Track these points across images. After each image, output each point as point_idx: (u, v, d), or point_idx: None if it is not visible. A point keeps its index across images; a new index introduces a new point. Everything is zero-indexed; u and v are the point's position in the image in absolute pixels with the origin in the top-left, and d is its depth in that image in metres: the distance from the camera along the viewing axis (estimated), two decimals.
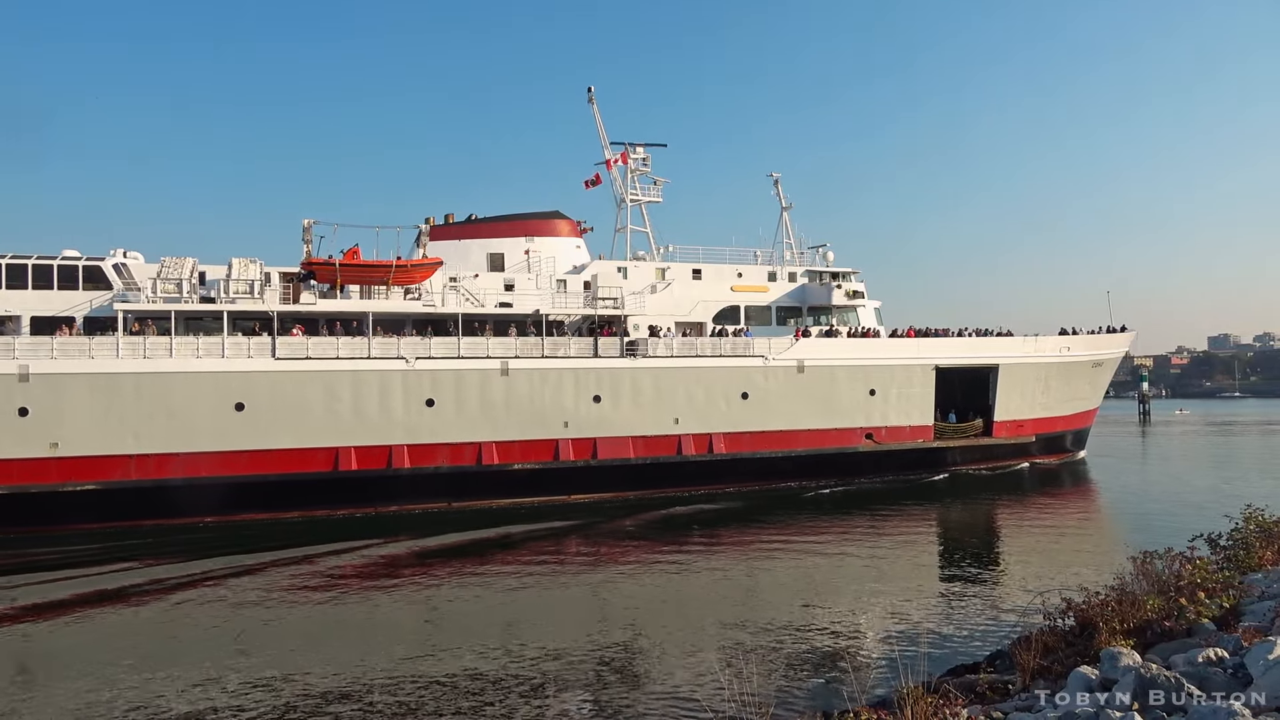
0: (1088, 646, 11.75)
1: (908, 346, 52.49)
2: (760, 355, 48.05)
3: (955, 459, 53.89)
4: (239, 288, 40.26)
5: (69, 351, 37.45)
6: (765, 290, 52.93)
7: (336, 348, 40.85)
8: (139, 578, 29.14)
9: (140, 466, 37.79)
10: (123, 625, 23.96)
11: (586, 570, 30.36)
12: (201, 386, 38.73)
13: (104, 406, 37.48)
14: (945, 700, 9.86)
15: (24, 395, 36.62)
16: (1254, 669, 8.55)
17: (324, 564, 31.14)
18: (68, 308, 39.79)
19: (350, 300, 42.70)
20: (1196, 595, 12.17)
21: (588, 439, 44.21)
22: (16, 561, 31.40)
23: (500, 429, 42.75)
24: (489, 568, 30.61)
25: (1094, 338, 60.89)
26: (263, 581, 28.32)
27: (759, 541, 34.74)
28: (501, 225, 51.59)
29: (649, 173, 56.14)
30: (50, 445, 36.82)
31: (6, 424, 36.37)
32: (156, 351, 38.45)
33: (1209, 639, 10.56)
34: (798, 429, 48.36)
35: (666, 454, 45.60)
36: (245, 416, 39.09)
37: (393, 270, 42.50)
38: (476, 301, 44.93)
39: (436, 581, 28.50)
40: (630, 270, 51.07)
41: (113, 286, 40.36)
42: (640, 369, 45.48)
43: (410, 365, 41.60)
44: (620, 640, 21.33)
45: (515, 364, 43.30)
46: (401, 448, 41.15)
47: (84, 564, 30.98)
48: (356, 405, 40.68)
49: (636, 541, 35.39)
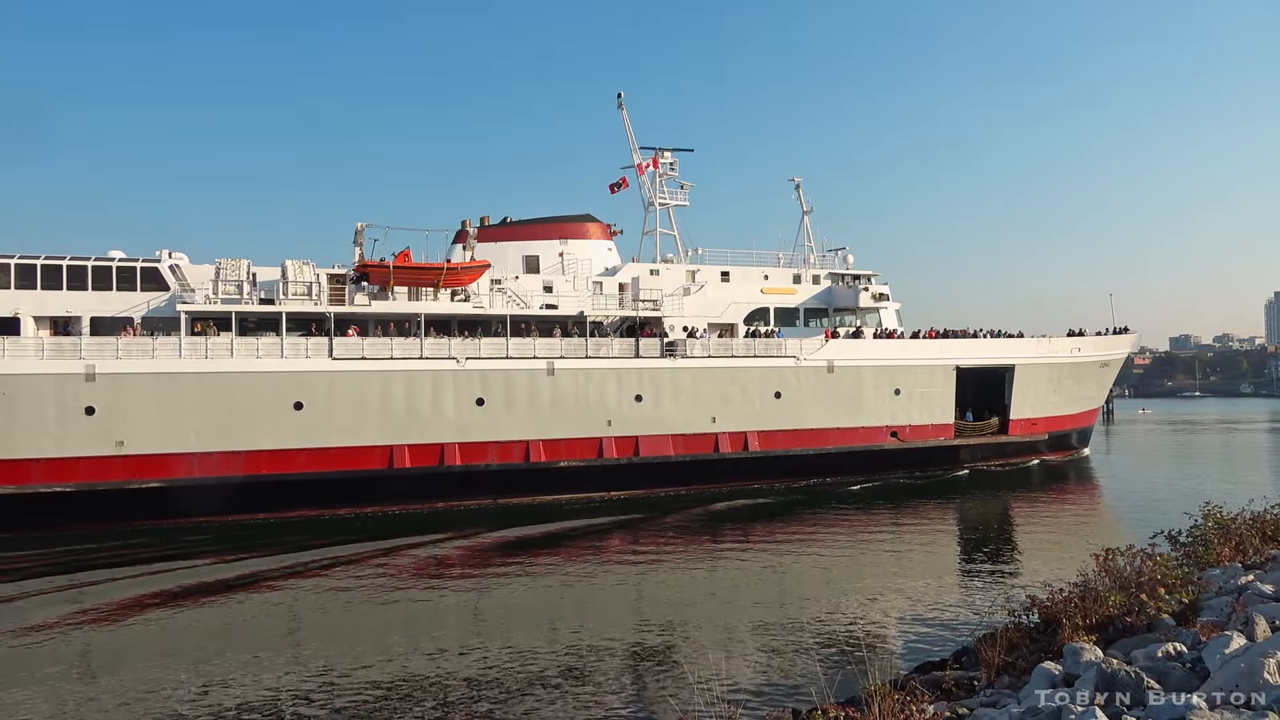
0: (1051, 643, 11.83)
1: (930, 347, 54.27)
2: (792, 356, 49.58)
3: (973, 456, 55.78)
4: (297, 289, 41.14)
5: (133, 351, 38.16)
6: (793, 292, 54.49)
7: (390, 348, 41.84)
8: (207, 575, 29.85)
9: (203, 464, 38.58)
10: (188, 620, 24.37)
11: (625, 565, 31.40)
12: (261, 386, 39.57)
13: (167, 405, 38.23)
14: (912, 697, 9.88)
15: (91, 395, 37.31)
16: (1211, 663, 8.62)
17: (384, 559, 32.03)
18: (126, 308, 40.44)
19: (404, 302, 43.64)
20: (1157, 591, 12.32)
21: (630, 437, 45.51)
22: (77, 558, 32.22)
23: (547, 427, 43.93)
24: (540, 562, 31.77)
25: (1102, 339, 63.07)
26: (325, 577, 29.25)
27: (787, 538, 35.72)
28: (536, 228, 52.71)
29: (676, 177, 57.49)
30: (116, 444, 37.53)
31: (74, 423, 37.05)
32: (218, 351, 39.26)
33: (1169, 634, 10.66)
34: (827, 427, 49.96)
35: (704, 451, 46.99)
36: (304, 415, 39.98)
37: (444, 273, 43.52)
38: (522, 303, 46.07)
39: (490, 576, 29.63)
40: (662, 272, 52.43)
41: (169, 287, 41.07)
42: (680, 369, 46.84)
43: (461, 365, 42.67)
44: (605, 640, 21.52)
45: (561, 364, 44.49)
46: (453, 446, 42.20)
47: (147, 560, 31.66)
48: (410, 404, 41.68)
49: (675, 537, 36.55)
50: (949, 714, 9.70)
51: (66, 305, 39.56)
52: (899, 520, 40.15)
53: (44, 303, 39.29)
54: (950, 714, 9.71)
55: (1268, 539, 16.47)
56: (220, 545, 34.22)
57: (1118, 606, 12.16)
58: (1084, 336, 62.15)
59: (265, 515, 39.05)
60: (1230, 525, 16.57)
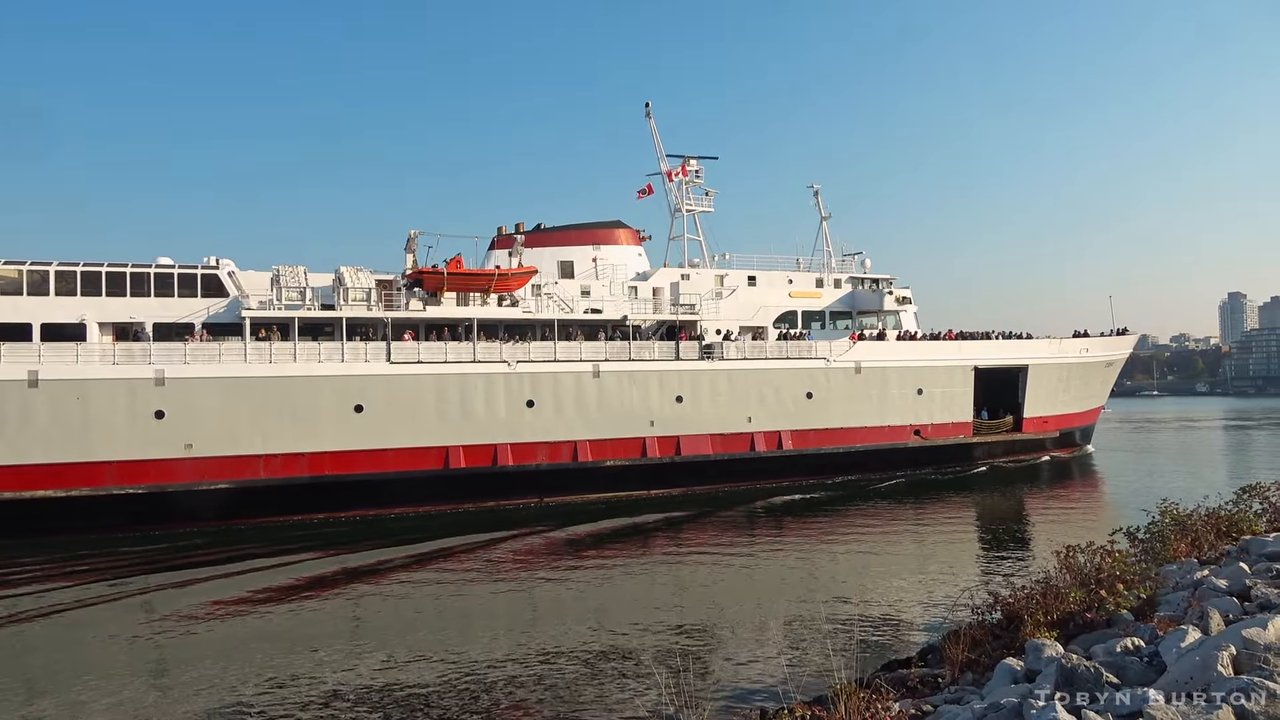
0: (1014, 639, 11.91)
1: (950, 349, 56.30)
2: (822, 357, 51.38)
3: (989, 453, 57.92)
4: (356, 295, 42.25)
5: (200, 356, 39.12)
6: (819, 296, 56.34)
7: (445, 352, 43.06)
8: (285, 576, 30.79)
9: (268, 466, 39.61)
10: (248, 624, 25.02)
11: (663, 562, 32.56)
12: (323, 389, 40.65)
13: (233, 409, 39.22)
14: (877, 695, 9.95)
15: (160, 399, 38.23)
16: (1168, 657, 8.76)
17: (442, 555, 33.25)
18: (187, 314, 41.34)
19: (456, 306, 44.85)
20: (1116, 587, 12.47)
21: (672, 436, 47.05)
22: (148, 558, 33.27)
23: (593, 428, 45.36)
24: (589, 558, 33.04)
25: (1107, 339, 65.53)
26: (388, 573, 30.54)
27: (815, 536, 36.78)
28: (570, 234, 54.15)
29: (701, 184, 59.15)
30: (185, 446, 38.48)
31: (144, 426, 37.96)
32: (281, 356, 40.29)
33: (1127, 629, 10.75)
34: (856, 426, 51.80)
35: (741, 450, 48.63)
36: (364, 418, 41.11)
37: (495, 279, 44.82)
38: (568, 308, 47.45)
39: (544, 571, 30.67)
40: (693, 277, 54.06)
41: (229, 294, 42.00)
42: (717, 370, 48.46)
43: (512, 368, 44.00)
44: (586, 641, 21.68)
45: (605, 367, 45.94)
46: (505, 446, 43.51)
47: (225, 560, 32.62)
48: (464, 406, 42.93)
49: (718, 534, 37.93)
50: (914, 711, 9.71)
51: (130, 311, 40.39)
52: (921, 518, 41.54)
53: (108, 309, 40.10)
54: (915, 711, 9.71)
55: (1222, 535, 16.76)
56: (294, 544, 35.22)
57: (1078, 603, 12.34)
58: (1090, 338, 64.54)
59: (326, 515, 40.17)
60: (1186, 522, 16.96)
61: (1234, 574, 12.18)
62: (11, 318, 38.47)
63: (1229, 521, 17.35)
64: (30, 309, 38.84)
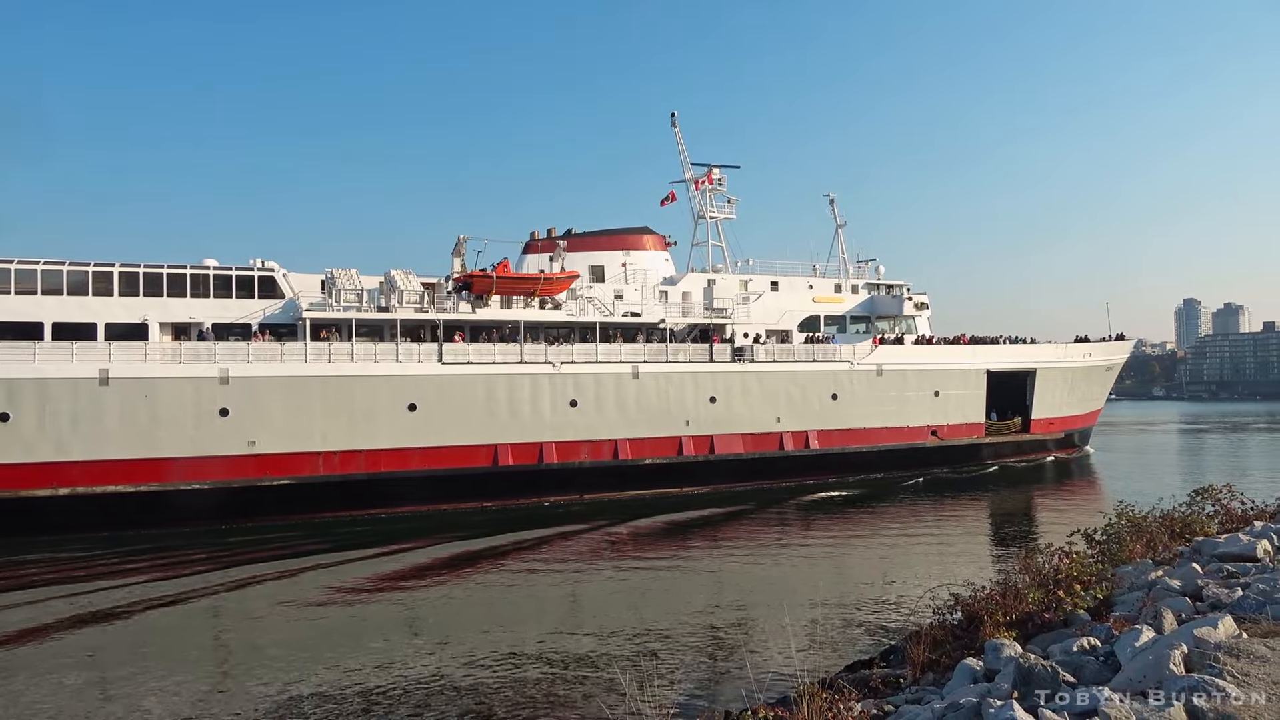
0: (974, 639, 11.97)
1: (964, 353, 58.57)
2: (846, 361, 53.41)
3: (999, 453, 60.25)
4: (410, 298, 43.63)
5: (262, 356, 40.33)
6: (840, 301, 58.42)
7: (494, 353, 44.54)
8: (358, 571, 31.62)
9: (327, 463, 40.87)
10: (363, 610, 26.49)
11: (701, 558, 34.30)
12: (379, 388, 41.99)
13: (294, 407, 40.46)
14: (840, 696, 10.01)
15: (225, 397, 39.40)
16: (1122, 656, 8.82)
17: (486, 549, 34.76)
18: (244, 315, 42.48)
19: (501, 310, 46.33)
20: (1073, 588, 12.63)
21: (706, 435, 48.82)
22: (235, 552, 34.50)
23: (633, 427, 47.01)
24: (628, 553, 34.68)
25: (1108, 344, 68.23)
26: (445, 566, 31.92)
27: (838, 534, 38.59)
28: (600, 239, 55.78)
29: (724, 191, 61.05)
30: (248, 443, 39.66)
31: (210, 423, 39.11)
32: (339, 356, 41.58)
33: (1083, 629, 10.83)
34: (878, 427, 53.87)
35: (770, 449, 50.50)
36: (417, 416, 42.48)
37: (540, 282, 46.38)
38: (608, 311, 49.09)
39: (584, 565, 32.12)
40: (718, 282, 55.90)
41: (284, 295, 43.20)
42: (748, 373, 50.32)
43: (556, 369, 45.56)
44: (566, 643, 21.94)
45: (644, 368, 47.63)
46: (550, 444, 45.05)
47: (296, 554, 33.90)
48: (511, 406, 44.42)
49: (743, 532, 39.67)
50: (875, 711, 9.81)
51: (190, 312, 41.48)
52: (943, 515, 43.56)
53: (169, 309, 41.16)
54: (877, 711, 9.82)
55: (1176, 536, 17.07)
56: (371, 538, 36.59)
57: (1036, 603, 12.52)
58: (1091, 343, 67.17)
59: (380, 511, 41.44)
60: (1142, 524, 17.32)
61: (1186, 574, 12.38)
62: (78, 317, 39.43)
63: (1182, 523, 17.67)
64: (95, 309, 39.81)
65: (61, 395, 37.17)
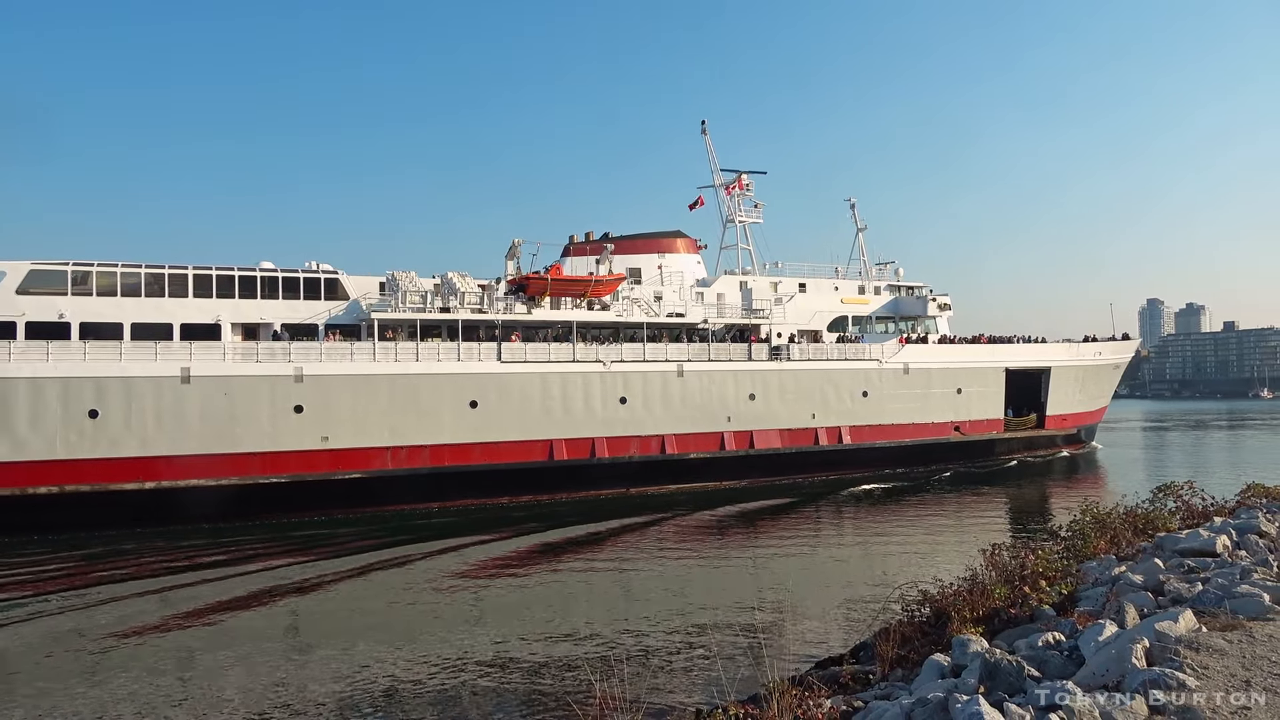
0: (942, 635, 12.03)
1: (984, 351, 61.02)
2: (875, 359, 55.69)
3: (1014, 448, 62.74)
4: (470, 299, 45.44)
5: (334, 355, 42.02)
6: (866, 302, 60.73)
7: (548, 353, 46.42)
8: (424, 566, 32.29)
9: (395, 457, 42.59)
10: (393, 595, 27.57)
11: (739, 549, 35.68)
12: (442, 386, 43.76)
13: (363, 404, 42.16)
14: (809, 692, 10.07)
15: (299, 394, 41.04)
16: (1086, 650, 8.89)
17: (545, 542, 36.35)
18: (311, 316, 44.12)
19: (556, 310, 48.22)
20: (1039, 583, 12.77)
21: (746, 431, 50.92)
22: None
23: (678, 423, 49.03)
24: (672, 544, 36.15)
25: (1116, 344, 70.96)
26: (505, 557, 33.27)
27: (875, 528, 40.12)
28: (637, 243, 57.76)
29: (751, 196, 63.24)
30: (321, 439, 41.32)
31: (285, 419, 40.74)
32: (405, 355, 43.32)
33: (1049, 624, 10.92)
34: (905, 423, 56.17)
35: (806, 444, 52.68)
36: (478, 413, 44.28)
37: (591, 284, 48.33)
38: (653, 312, 51.09)
39: (631, 556, 33.80)
40: (749, 284, 58.02)
41: (348, 296, 44.88)
42: (785, 371, 52.48)
43: (607, 368, 47.49)
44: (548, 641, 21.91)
45: (688, 366, 49.66)
46: (602, 440, 46.97)
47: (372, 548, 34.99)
48: (565, 403, 46.31)
49: (783, 525, 41.77)
50: (845, 707, 9.86)
51: (260, 313, 43.08)
52: (973, 507, 45.74)
53: (241, 310, 42.74)
54: (846, 707, 9.87)
55: (1139, 532, 17.33)
56: (431, 532, 38.22)
57: (1003, 599, 12.64)
58: (1100, 342, 69.85)
59: (441, 504, 43.18)
60: (1106, 520, 17.54)
61: (1149, 570, 12.55)
62: (155, 318, 40.96)
63: (1145, 519, 18.02)
64: (171, 310, 41.36)
65: (146, 393, 38.70)
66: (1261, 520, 15.69)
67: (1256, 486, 21.88)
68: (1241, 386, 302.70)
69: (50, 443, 37.32)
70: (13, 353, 37.42)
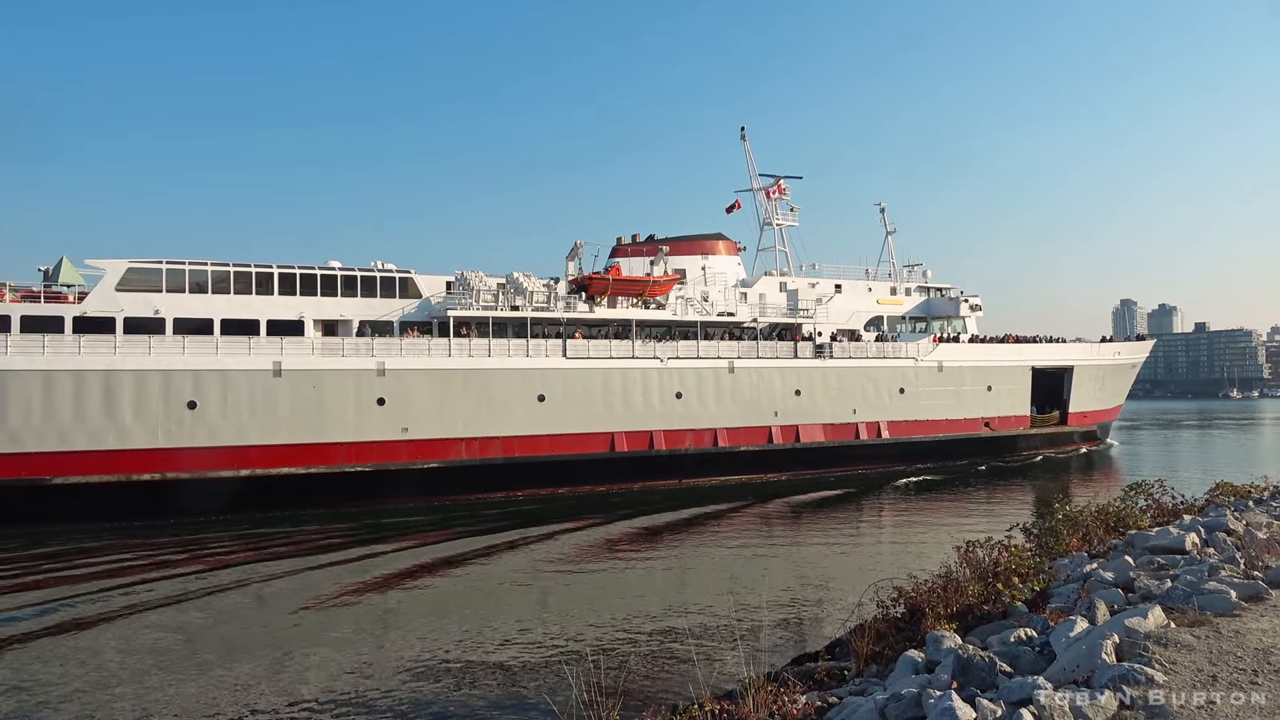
0: (916, 631, 12.10)
1: (1012, 350, 63.57)
2: (911, 357, 58.13)
3: (1036, 444, 65.30)
4: (538, 298, 47.65)
5: (413, 350, 44.15)
6: (901, 303, 63.22)
7: (609, 349, 48.66)
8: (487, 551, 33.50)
9: (469, 448, 44.74)
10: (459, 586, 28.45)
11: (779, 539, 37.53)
12: (512, 380, 45.94)
13: (439, 397, 44.29)
14: (785, 688, 10.13)
15: (381, 387, 43.16)
16: (1058, 646, 8.94)
17: (602, 533, 37.49)
18: (386, 313, 46.24)
19: (613, 309, 50.46)
20: (1011, 580, 12.90)
21: (792, 425, 53.26)
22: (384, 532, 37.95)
23: (729, 417, 51.34)
24: (726, 534, 37.68)
25: (1133, 344, 73.80)
26: (564, 547, 34.34)
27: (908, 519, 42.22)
28: (680, 245, 59.98)
29: (787, 200, 65.61)
30: (402, 430, 43.43)
31: (369, 412, 42.85)
32: (478, 351, 45.48)
33: (1021, 620, 11.03)
34: (939, 418, 58.64)
35: (848, 438, 55.07)
36: (546, 406, 46.48)
37: (649, 285, 50.60)
38: (706, 311, 53.43)
39: (684, 547, 35.17)
40: (788, 285, 60.39)
41: (420, 295, 47.01)
42: (828, 368, 54.86)
43: (664, 364, 49.76)
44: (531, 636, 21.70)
45: (739, 363, 51.98)
46: (659, 432, 49.24)
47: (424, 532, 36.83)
48: (626, 397, 48.55)
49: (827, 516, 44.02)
50: (820, 703, 9.88)
51: (340, 310, 45.17)
52: (1014, 499, 48.18)
53: (322, 307, 44.81)
54: (821, 703, 9.89)
55: (1110, 530, 17.49)
56: (512, 520, 40.19)
57: (976, 595, 12.76)
58: (1118, 342, 72.58)
59: (508, 494, 45.32)
60: (1078, 518, 17.77)
61: (1119, 567, 12.64)
62: (243, 314, 43.01)
63: (1116, 517, 18.18)
64: (258, 306, 43.39)
65: (240, 386, 40.76)
66: (1229, 518, 15.85)
67: (1225, 485, 22.51)
68: (1212, 387, 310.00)
69: (153, 432, 39.34)
70: (118, 346, 39.44)
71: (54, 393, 38.09)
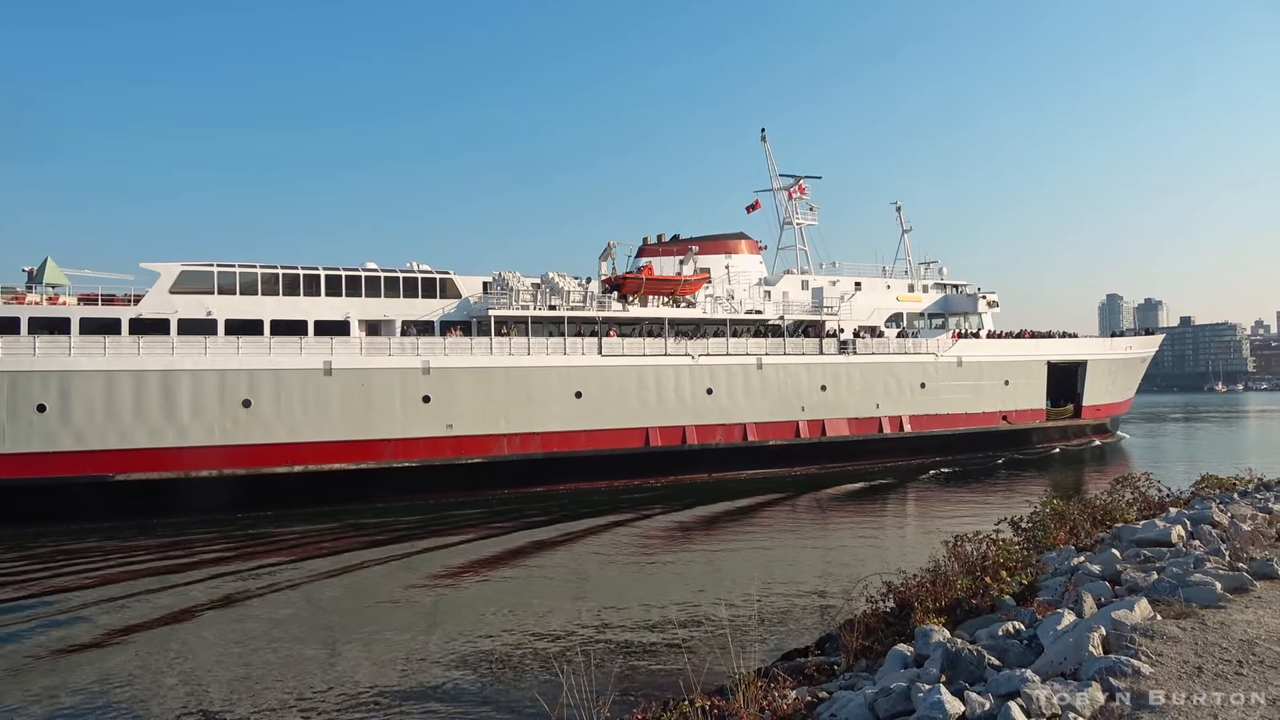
0: (905, 626, 12.15)
1: (1028, 346, 65.09)
2: (931, 353, 59.58)
3: (1051, 437, 66.83)
4: (574, 298, 49.00)
5: (457, 349, 45.48)
6: (919, 300, 64.66)
7: (643, 347, 50.04)
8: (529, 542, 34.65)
9: (510, 443, 46.09)
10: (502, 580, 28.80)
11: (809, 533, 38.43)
12: (551, 378, 47.30)
13: (482, 394, 45.63)
14: (775, 684, 10.17)
15: (426, 385, 44.49)
16: (1045, 639, 8.99)
17: (638, 526, 38.23)
18: (427, 313, 47.56)
19: (644, 307, 51.83)
20: (999, 574, 12.97)
21: (818, 420, 54.71)
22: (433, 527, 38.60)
23: (758, 412, 52.75)
24: (751, 528, 38.59)
25: (1143, 339, 75.45)
26: (605, 540, 34.83)
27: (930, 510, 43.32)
28: (705, 244, 61.32)
29: (806, 199, 66.98)
30: (446, 426, 44.78)
31: (415, 409, 44.18)
32: (518, 349, 46.83)
33: (1009, 614, 11.03)
34: (959, 412, 60.12)
35: (871, 432, 56.52)
36: (583, 402, 47.85)
37: (680, 284, 51.98)
38: (734, 309, 54.83)
39: (713, 539, 35.89)
40: (810, 283, 61.78)
41: (460, 295, 48.33)
42: (852, 364, 56.29)
43: (695, 361, 51.15)
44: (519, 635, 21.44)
45: (766, 360, 53.39)
46: (691, 427, 50.64)
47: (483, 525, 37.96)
48: (659, 393, 49.94)
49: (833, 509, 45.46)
50: (810, 698, 9.91)
51: (384, 311, 46.48)
52: (1035, 490, 49.56)
53: (366, 308, 46.12)
54: (811, 697, 9.92)
55: (1097, 523, 17.68)
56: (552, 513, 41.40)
57: (965, 589, 12.83)
58: (1129, 337, 74.15)
59: (546, 488, 46.57)
60: (1065, 512, 17.88)
61: (1106, 560, 12.73)
62: (291, 315, 44.30)
63: (1104, 511, 18.36)
64: (306, 307, 44.69)
65: (293, 384, 42.06)
66: (1214, 511, 15.97)
67: (1210, 478, 22.87)
68: (1197, 380, 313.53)
69: (210, 430, 40.64)
70: (174, 347, 40.72)
71: (115, 392, 39.35)
